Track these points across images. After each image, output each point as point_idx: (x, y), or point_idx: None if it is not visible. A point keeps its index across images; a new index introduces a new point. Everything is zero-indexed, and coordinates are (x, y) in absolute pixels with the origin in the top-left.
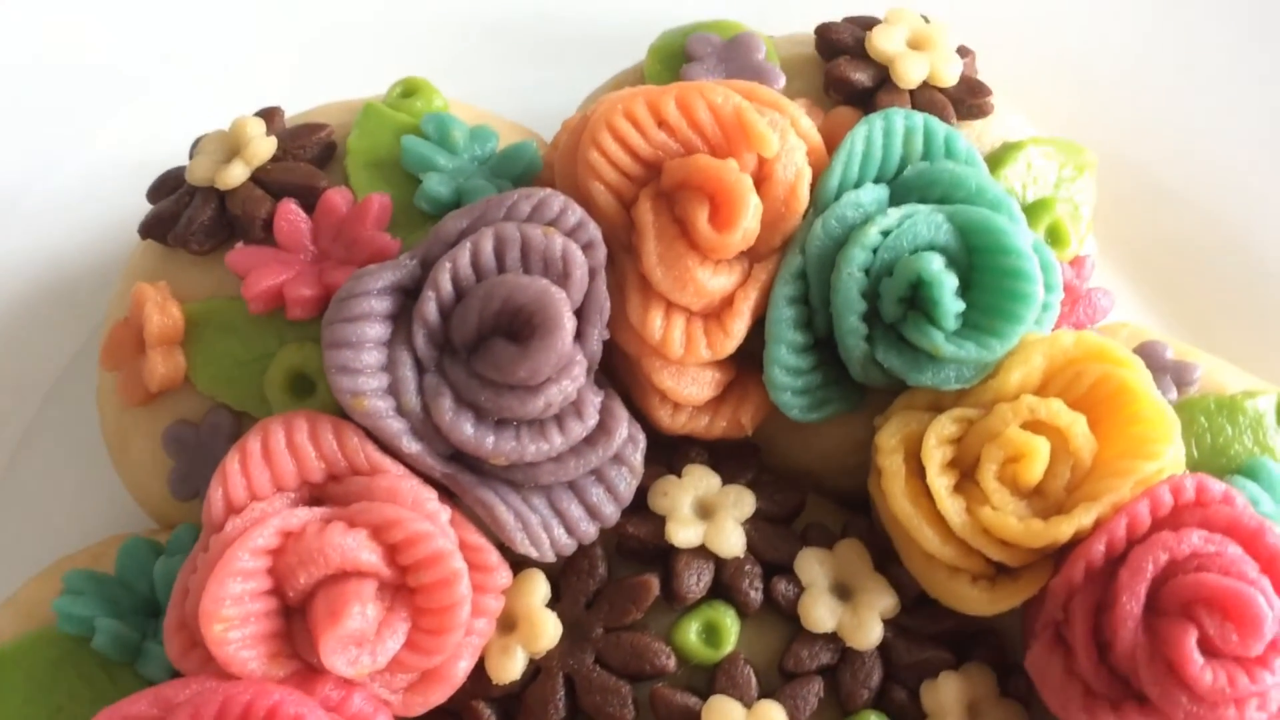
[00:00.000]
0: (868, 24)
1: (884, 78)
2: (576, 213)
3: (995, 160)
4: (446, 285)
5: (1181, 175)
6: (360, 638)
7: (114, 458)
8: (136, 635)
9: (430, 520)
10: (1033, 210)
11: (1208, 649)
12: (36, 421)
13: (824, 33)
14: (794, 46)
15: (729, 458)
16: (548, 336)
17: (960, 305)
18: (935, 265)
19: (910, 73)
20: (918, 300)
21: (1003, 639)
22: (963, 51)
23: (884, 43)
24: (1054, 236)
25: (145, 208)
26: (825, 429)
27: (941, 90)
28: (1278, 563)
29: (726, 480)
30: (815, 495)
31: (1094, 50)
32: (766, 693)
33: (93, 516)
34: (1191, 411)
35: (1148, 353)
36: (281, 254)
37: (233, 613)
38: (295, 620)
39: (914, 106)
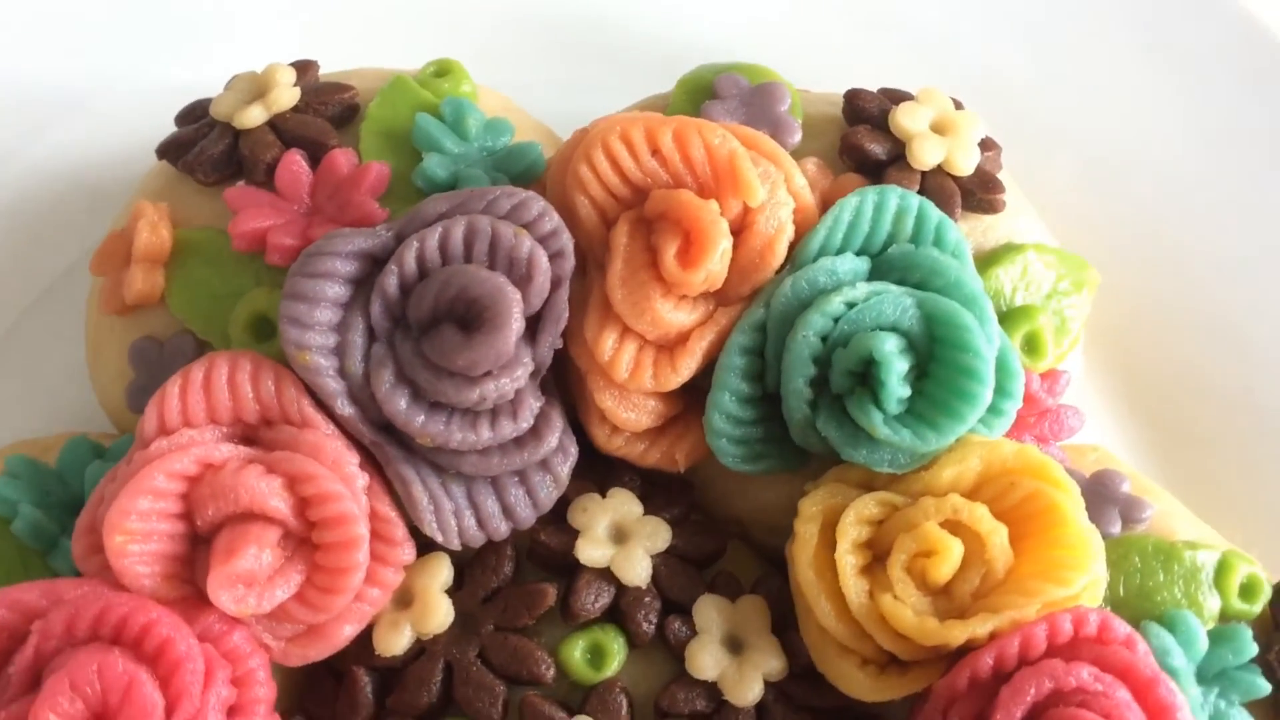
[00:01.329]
0: (899, 98)
1: (899, 154)
2: (553, 220)
3: (993, 257)
4: (410, 263)
5: (1198, 314)
6: (251, 579)
7: (89, 359)
8: (55, 528)
9: (345, 483)
10: (1015, 315)
11: None
12: (35, 307)
13: (852, 98)
14: (822, 105)
15: (662, 490)
16: (493, 332)
17: (905, 391)
18: (888, 346)
19: (925, 154)
20: (868, 378)
21: None
22: (987, 145)
23: (906, 120)
24: (1031, 345)
25: None
26: (764, 482)
27: (955, 178)
28: (1162, 715)
29: (651, 511)
30: (740, 545)
31: (1130, 169)
32: None
33: (65, 410)
34: (1128, 549)
35: (1104, 481)
36: (277, 200)
37: (137, 527)
38: (199, 550)
39: (923, 189)
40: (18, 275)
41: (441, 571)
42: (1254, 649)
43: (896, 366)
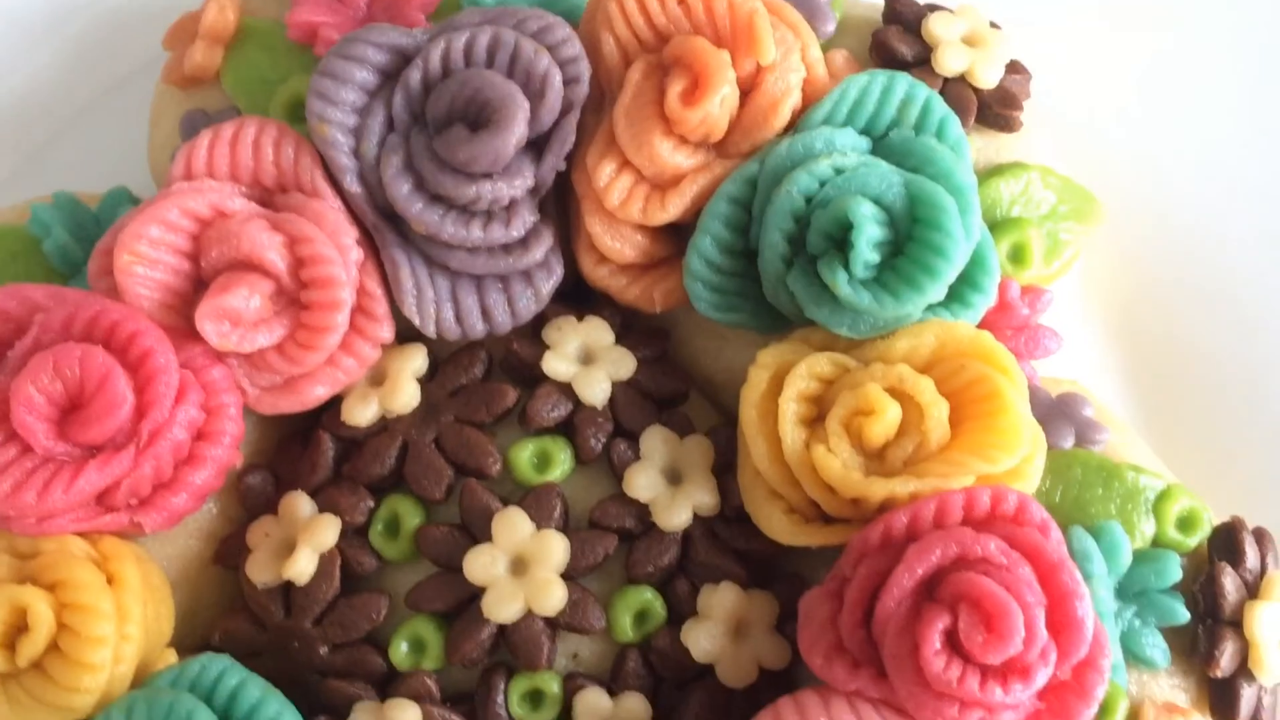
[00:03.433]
0: (937, 9)
1: (925, 58)
2: (574, 47)
3: (998, 170)
4: (435, 61)
5: (1208, 287)
6: (237, 318)
7: (150, 128)
8: (81, 257)
9: (340, 252)
10: (1006, 224)
11: (954, 644)
12: (116, 89)
13: (893, 3)
14: (865, 9)
15: (638, 333)
16: (495, 133)
17: (874, 257)
18: (864, 209)
19: (949, 60)
20: (844, 245)
21: (805, 588)
22: (1016, 68)
23: (938, 27)
24: (1017, 255)
25: None
26: (738, 346)
27: (975, 89)
28: (1062, 603)
29: (622, 345)
30: (703, 400)
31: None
32: (564, 530)
33: (128, 175)
34: (1072, 460)
35: (1067, 401)
36: (335, 2)
37: (145, 251)
38: (199, 293)
39: (942, 94)
40: (102, 59)
41: (416, 359)
42: (1177, 575)
43: (868, 230)
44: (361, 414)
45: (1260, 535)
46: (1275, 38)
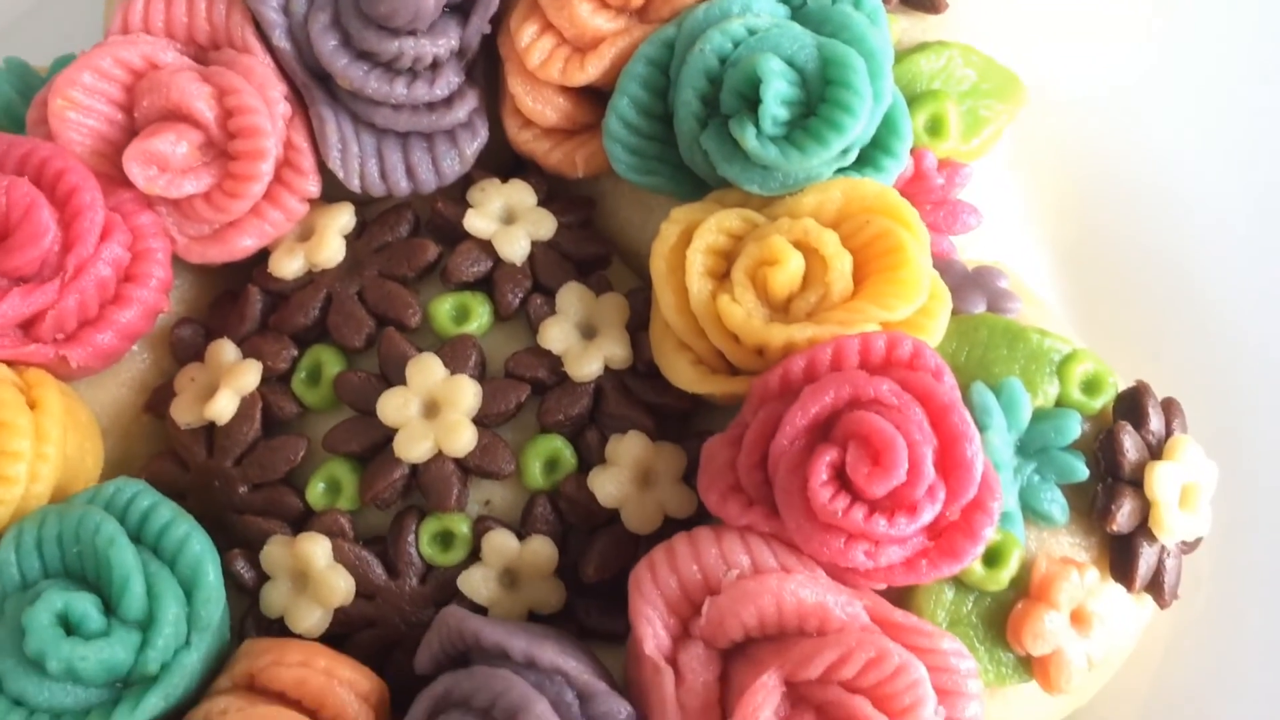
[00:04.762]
0: None
1: None
2: None
3: (920, 47)
4: None
5: (1150, 175)
6: (165, 162)
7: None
8: (23, 112)
9: (268, 105)
10: (923, 97)
11: (843, 480)
12: None
13: None
14: None
15: (562, 199)
16: None
17: (782, 113)
18: (772, 65)
19: None
20: (755, 103)
21: None
22: None
23: None
24: (934, 126)
25: None
26: (663, 216)
27: None
28: (952, 444)
29: (545, 208)
30: (625, 267)
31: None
32: (479, 380)
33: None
34: (979, 323)
35: (982, 272)
36: None
37: (78, 97)
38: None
39: None
40: None
41: (342, 216)
42: (1077, 433)
43: (775, 85)
44: (288, 266)
45: (1169, 404)
46: None
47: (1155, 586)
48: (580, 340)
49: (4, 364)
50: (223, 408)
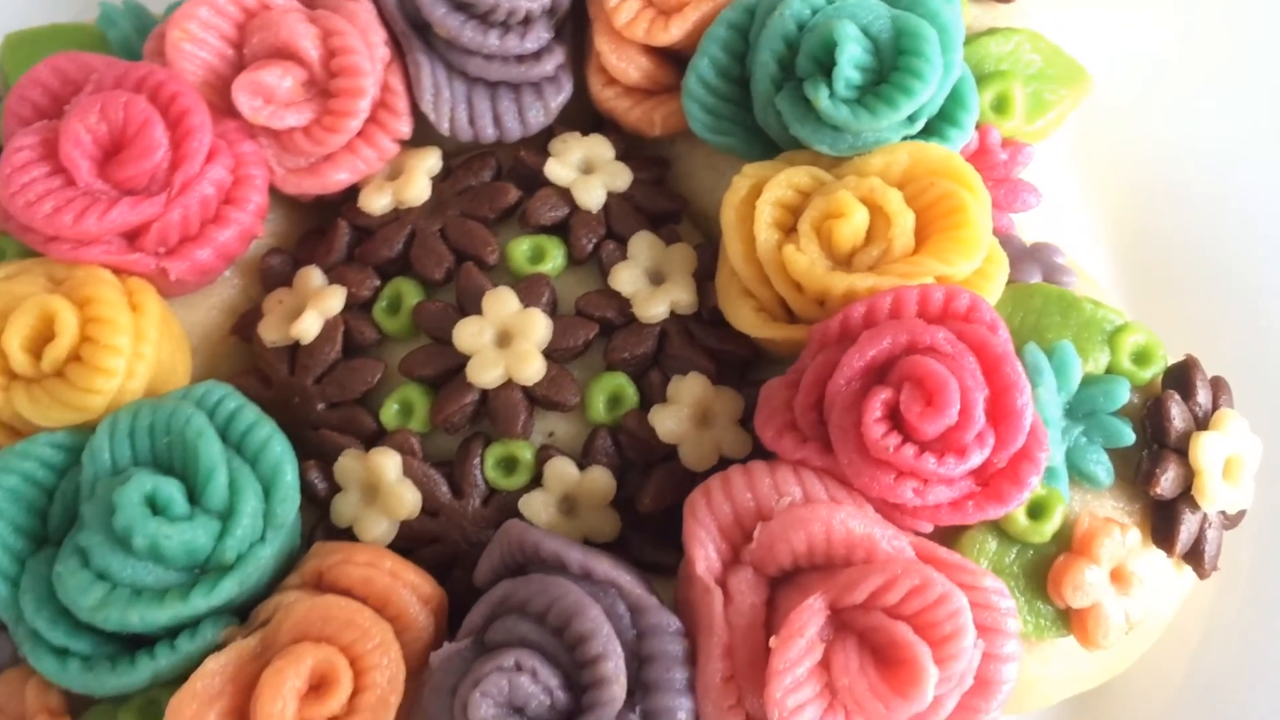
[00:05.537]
0: None
1: None
2: None
3: (990, 32)
4: None
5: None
6: (270, 94)
7: None
8: (142, 49)
9: (368, 48)
10: (991, 76)
11: (895, 418)
12: None
13: None
14: None
15: (639, 157)
16: None
17: (856, 77)
18: (848, 29)
19: None
20: (829, 68)
21: None
22: None
23: None
24: (1000, 104)
25: None
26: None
27: None
28: (1004, 394)
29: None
30: (694, 227)
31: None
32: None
33: None
34: (1034, 291)
35: (1040, 248)
36: None
37: (194, 30)
38: None
39: None
40: None
41: (430, 158)
42: (1125, 398)
43: (849, 49)
44: (376, 202)
45: (1217, 381)
46: None
47: (1195, 555)
48: (649, 284)
49: (109, 269)
50: (307, 327)
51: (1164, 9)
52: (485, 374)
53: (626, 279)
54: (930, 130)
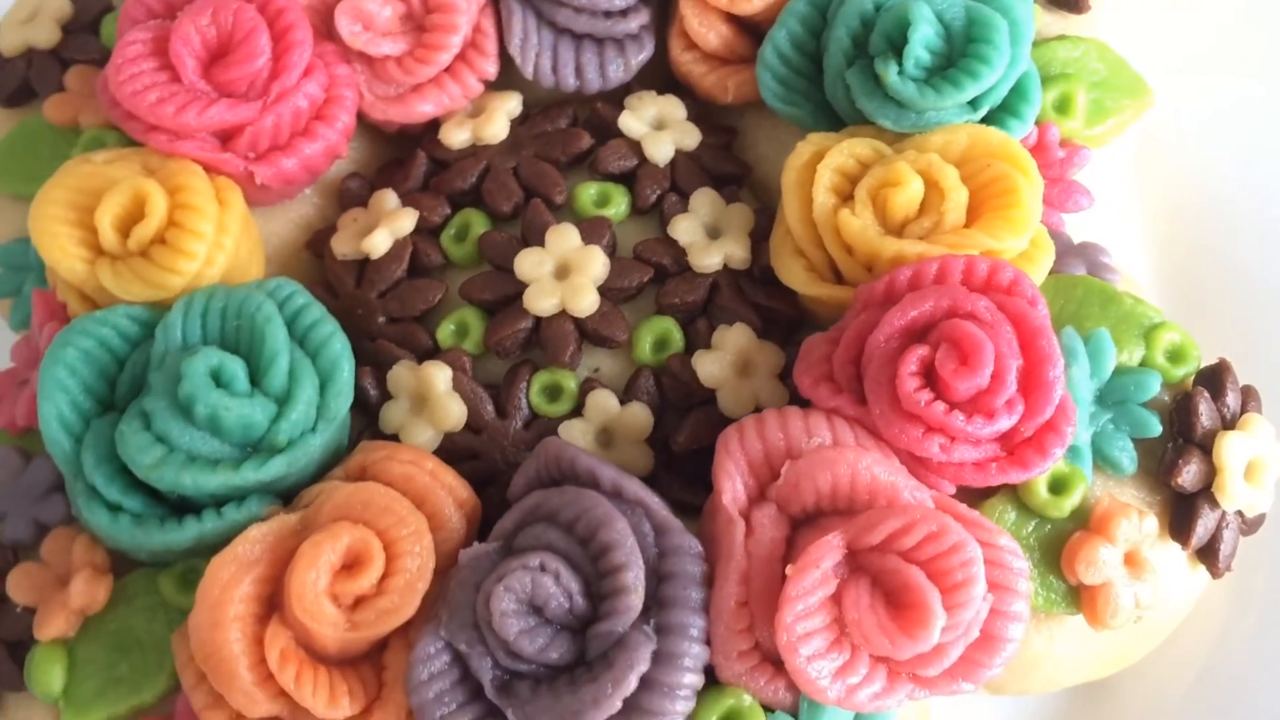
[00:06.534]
0: None
1: None
2: None
3: (1059, 38)
4: None
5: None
6: (369, 21)
7: None
8: None
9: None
10: (1057, 77)
11: (929, 377)
12: None
13: None
14: None
15: (709, 124)
16: None
17: (925, 56)
18: (922, 10)
19: None
20: (901, 48)
21: None
22: None
23: None
24: (1062, 104)
25: None
26: None
27: None
28: (1037, 366)
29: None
30: (755, 195)
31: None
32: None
33: None
34: (1076, 283)
35: (1086, 246)
36: None
37: None
38: None
39: None
40: None
41: (511, 101)
42: (1156, 390)
43: (922, 29)
44: (456, 136)
45: (1248, 390)
46: None
47: (1210, 552)
48: (705, 237)
49: (200, 165)
50: (378, 243)
51: (1237, 38)
52: (541, 301)
53: (685, 229)
54: (991, 119)
